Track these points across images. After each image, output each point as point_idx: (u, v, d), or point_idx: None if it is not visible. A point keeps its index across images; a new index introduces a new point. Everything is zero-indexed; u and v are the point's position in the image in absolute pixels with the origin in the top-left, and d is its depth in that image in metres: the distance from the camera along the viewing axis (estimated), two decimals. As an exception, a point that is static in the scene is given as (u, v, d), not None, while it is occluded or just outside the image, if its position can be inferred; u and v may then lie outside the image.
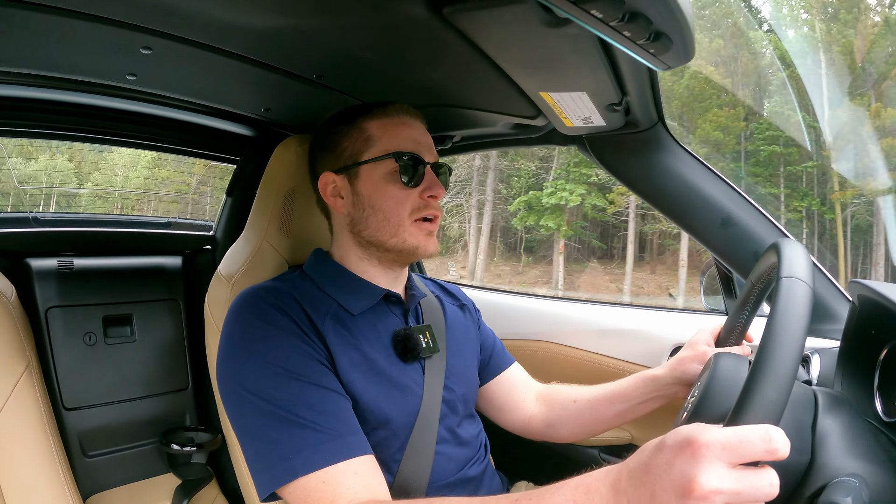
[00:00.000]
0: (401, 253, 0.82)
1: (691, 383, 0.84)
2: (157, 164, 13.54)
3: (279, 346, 0.69)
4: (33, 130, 1.18)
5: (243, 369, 0.69)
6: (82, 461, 1.22)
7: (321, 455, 0.63)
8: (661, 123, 1.02)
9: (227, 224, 1.48)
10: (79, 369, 1.23)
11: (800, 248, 0.57)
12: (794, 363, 0.45)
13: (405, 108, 0.84)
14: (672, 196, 1.07)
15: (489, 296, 1.66)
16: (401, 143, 0.81)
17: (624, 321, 1.35)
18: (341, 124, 0.84)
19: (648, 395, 0.89)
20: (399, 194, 0.80)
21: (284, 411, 0.65)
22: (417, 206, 0.81)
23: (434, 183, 0.82)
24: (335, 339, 0.74)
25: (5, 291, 0.92)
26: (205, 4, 0.67)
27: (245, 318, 0.73)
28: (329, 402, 0.68)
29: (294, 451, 0.63)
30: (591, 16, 0.51)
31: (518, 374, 1.04)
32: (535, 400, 1.01)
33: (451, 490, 0.80)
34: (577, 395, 0.96)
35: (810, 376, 0.84)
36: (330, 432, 0.65)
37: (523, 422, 1.00)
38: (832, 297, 1.02)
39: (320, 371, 0.70)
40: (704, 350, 0.85)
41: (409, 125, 0.83)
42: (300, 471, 0.62)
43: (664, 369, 0.88)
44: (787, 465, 0.54)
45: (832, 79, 11.67)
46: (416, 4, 0.63)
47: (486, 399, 1.02)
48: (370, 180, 0.81)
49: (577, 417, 0.94)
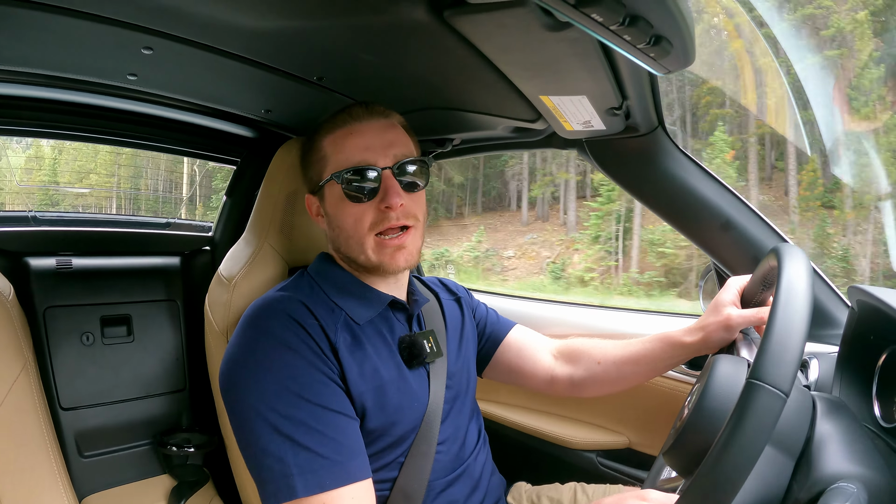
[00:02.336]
0: (372, 269, 0.80)
1: (715, 349, 0.83)
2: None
3: (292, 366, 0.69)
4: (34, 130, 1.18)
5: (253, 384, 0.69)
6: (79, 461, 1.22)
7: (321, 479, 0.64)
8: (662, 128, 1.02)
9: (226, 225, 1.47)
10: (76, 369, 1.23)
11: (799, 253, 0.57)
12: (792, 372, 0.45)
13: (353, 113, 0.79)
14: (672, 200, 1.07)
15: (487, 298, 1.65)
16: (347, 157, 0.77)
17: (622, 324, 1.35)
18: (308, 145, 0.84)
19: (674, 359, 0.89)
20: (355, 211, 0.77)
21: (291, 432, 0.65)
22: (375, 221, 0.77)
23: (389, 191, 0.76)
24: (346, 352, 0.74)
25: (3, 290, 0.91)
26: (206, 5, 0.67)
27: (259, 334, 0.72)
28: (336, 425, 0.68)
29: (297, 471, 0.64)
30: (591, 20, 0.51)
31: (524, 335, 1.03)
32: (555, 357, 1.00)
33: (452, 486, 0.81)
34: (602, 355, 0.95)
35: (809, 381, 0.84)
36: (332, 457, 0.66)
37: (545, 381, 0.99)
38: (831, 302, 1.02)
39: (331, 391, 0.70)
40: (728, 316, 0.81)
41: (356, 132, 0.78)
42: (300, 492, 0.63)
43: (691, 337, 0.86)
44: (777, 466, 0.54)
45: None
46: (416, 7, 0.63)
47: (498, 369, 1.01)
48: (331, 201, 0.80)
49: (603, 378, 0.95)
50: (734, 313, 0.81)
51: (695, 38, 0.61)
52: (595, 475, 1.28)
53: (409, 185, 0.79)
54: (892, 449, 0.59)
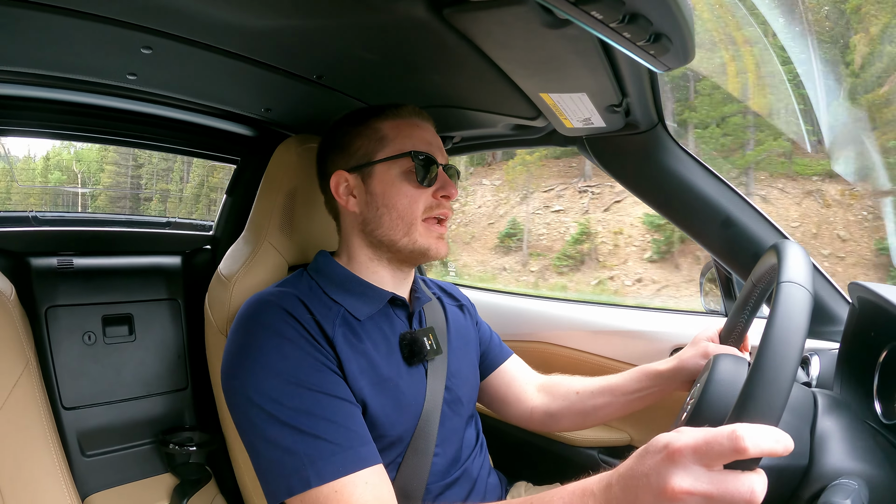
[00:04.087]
0: (411, 253, 0.82)
1: (692, 379, 0.84)
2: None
3: (290, 356, 0.69)
4: (34, 130, 1.18)
5: (253, 379, 0.68)
6: (81, 460, 1.22)
7: (334, 466, 0.63)
8: (661, 125, 1.02)
9: (227, 224, 1.48)
10: (78, 369, 1.23)
11: (800, 249, 0.57)
12: (792, 367, 0.45)
13: (416, 111, 0.86)
14: (672, 197, 1.07)
15: (486, 296, 1.66)
16: (415, 144, 0.82)
17: (623, 322, 1.35)
18: (353, 124, 0.85)
19: (650, 389, 0.89)
20: (413, 193, 0.81)
21: (297, 422, 0.65)
22: (430, 206, 0.82)
23: (447, 183, 0.83)
24: (344, 346, 0.74)
25: (5, 290, 0.92)
26: (205, 4, 0.67)
27: (254, 327, 0.72)
28: (341, 411, 0.68)
29: (308, 461, 0.63)
30: (591, 17, 0.51)
31: (517, 367, 1.04)
32: (537, 391, 1.01)
33: (450, 488, 0.81)
34: (580, 386, 0.96)
35: (810, 378, 0.84)
36: (342, 443, 0.65)
37: (525, 414, 1.00)
38: (832, 298, 1.02)
39: (332, 380, 0.70)
40: (706, 346, 0.84)
41: (420, 127, 0.85)
42: (314, 481, 0.62)
43: (666, 364, 0.88)
44: (784, 467, 0.54)
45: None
46: (416, 5, 0.63)
47: (486, 393, 1.02)
48: (384, 179, 0.81)
49: (579, 409, 0.95)
50: (711, 345, 0.84)
51: (694, 34, 0.61)
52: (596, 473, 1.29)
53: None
54: (892, 445, 0.60)
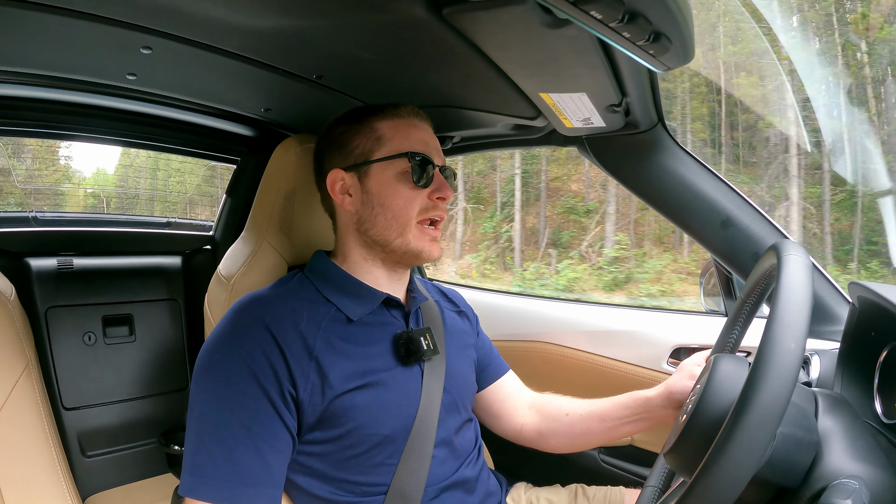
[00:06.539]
0: (405, 254, 0.82)
1: (682, 403, 0.83)
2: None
3: (242, 392, 0.68)
4: (33, 130, 1.18)
5: (209, 384, 0.69)
6: (81, 461, 1.22)
7: (233, 494, 0.65)
8: (661, 124, 1.02)
9: (227, 224, 1.48)
10: (78, 369, 1.23)
11: (800, 249, 0.57)
12: (794, 368, 0.45)
13: (415, 111, 0.85)
14: (672, 197, 1.07)
15: (486, 296, 1.66)
16: (412, 144, 0.81)
17: (623, 322, 1.35)
18: (352, 123, 0.85)
19: (638, 416, 0.89)
20: (409, 194, 0.80)
21: (226, 440, 0.66)
22: (425, 207, 0.81)
23: (443, 184, 0.82)
24: (326, 349, 0.73)
25: (5, 291, 0.92)
26: (205, 4, 0.67)
27: (228, 332, 0.72)
28: (267, 453, 0.68)
29: (218, 476, 0.65)
30: (590, 17, 0.51)
31: (512, 383, 1.04)
32: (528, 409, 1.01)
33: (447, 492, 0.80)
34: (570, 408, 0.96)
35: (810, 378, 0.84)
36: (251, 478, 0.66)
37: (516, 429, 1.00)
38: (832, 298, 1.02)
39: (272, 426, 0.69)
40: (693, 370, 0.85)
41: (418, 127, 0.84)
42: (210, 496, 0.64)
43: (655, 390, 0.88)
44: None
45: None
46: (415, 5, 0.63)
47: (480, 406, 1.02)
48: (380, 178, 0.81)
49: (568, 431, 0.95)
50: (698, 368, 0.84)
51: (694, 34, 0.60)
52: (597, 473, 1.29)
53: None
54: (893, 445, 0.59)
